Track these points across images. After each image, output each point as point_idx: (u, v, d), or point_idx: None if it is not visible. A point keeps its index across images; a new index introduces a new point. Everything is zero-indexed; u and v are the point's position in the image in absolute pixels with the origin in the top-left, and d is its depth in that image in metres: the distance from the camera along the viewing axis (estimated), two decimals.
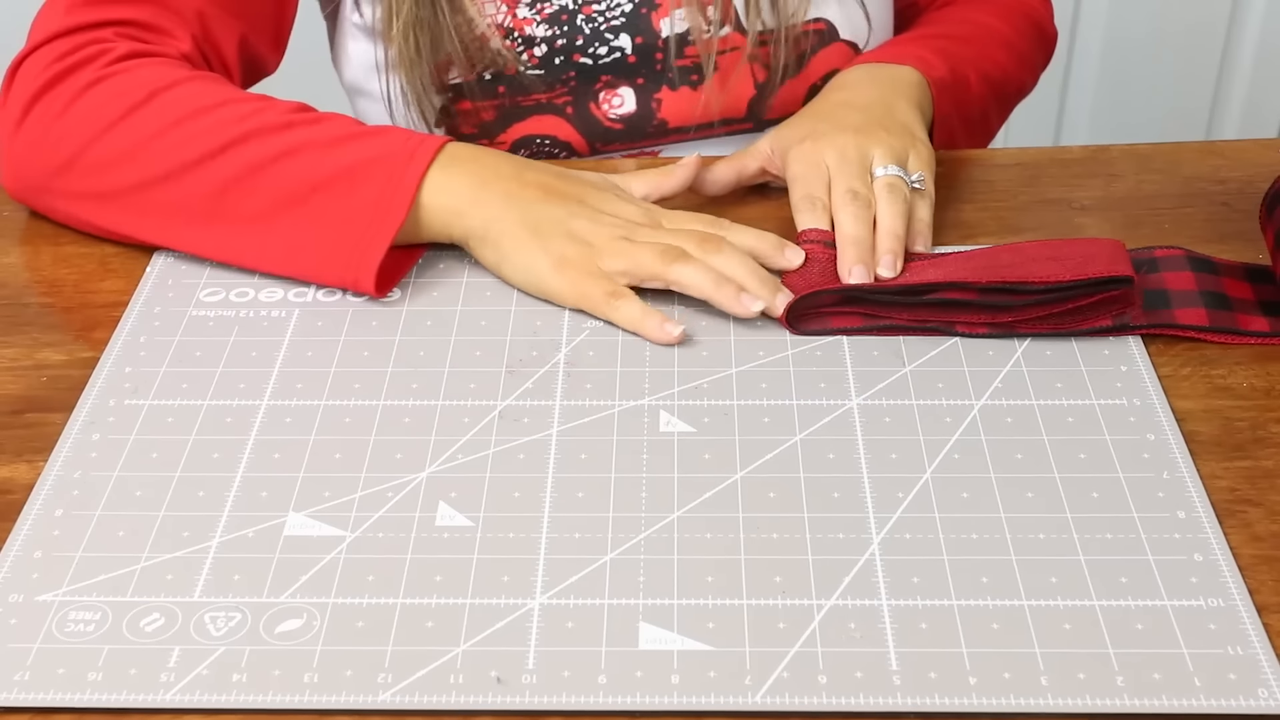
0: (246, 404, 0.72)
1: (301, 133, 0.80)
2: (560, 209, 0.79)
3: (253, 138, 0.79)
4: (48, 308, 0.80)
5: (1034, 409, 0.71)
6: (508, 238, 0.78)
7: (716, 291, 0.76)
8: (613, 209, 0.80)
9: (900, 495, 0.66)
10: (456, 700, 0.57)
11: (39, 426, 0.72)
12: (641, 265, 0.76)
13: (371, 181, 0.78)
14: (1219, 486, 0.67)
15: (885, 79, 0.90)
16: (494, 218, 0.79)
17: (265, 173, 0.78)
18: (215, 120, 0.80)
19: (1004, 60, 0.99)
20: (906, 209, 0.81)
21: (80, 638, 0.60)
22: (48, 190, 0.84)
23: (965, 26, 0.99)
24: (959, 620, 0.60)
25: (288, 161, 0.79)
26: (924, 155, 0.84)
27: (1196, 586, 0.61)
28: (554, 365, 0.74)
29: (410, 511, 0.66)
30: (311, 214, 0.78)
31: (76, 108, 0.82)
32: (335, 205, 0.78)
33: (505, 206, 0.79)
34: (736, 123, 0.99)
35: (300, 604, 0.61)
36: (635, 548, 0.64)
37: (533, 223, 0.78)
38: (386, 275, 0.79)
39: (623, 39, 0.95)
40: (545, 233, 0.78)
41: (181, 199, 0.80)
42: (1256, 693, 0.57)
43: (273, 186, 0.78)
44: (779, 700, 0.57)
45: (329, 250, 0.78)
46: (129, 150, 0.81)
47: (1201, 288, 0.77)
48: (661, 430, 0.70)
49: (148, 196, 0.81)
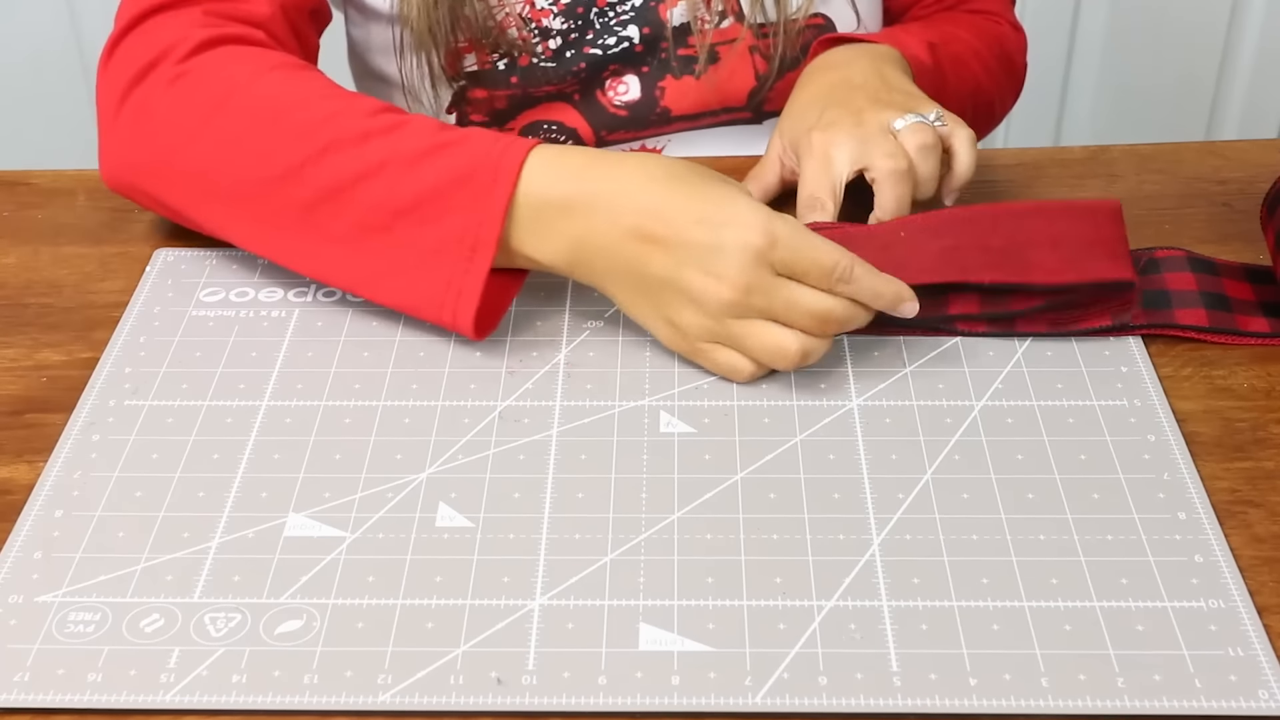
0: (246, 404, 0.72)
1: (380, 145, 0.74)
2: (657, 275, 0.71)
3: (333, 151, 0.75)
4: (48, 308, 0.80)
5: (1034, 410, 0.71)
6: (609, 287, 0.74)
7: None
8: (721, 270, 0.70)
9: (900, 496, 0.66)
10: (456, 701, 0.57)
11: (39, 426, 0.72)
12: (771, 358, 0.72)
13: (455, 210, 0.73)
14: (1219, 487, 0.67)
15: (870, 53, 0.88)
16: (585, 264, 0.73)
17: (347, 194, 0.74)
18: (295, 126, 0.76)
19: (979, 71, 0.98)
20: (937, 158, 0.80)
21: (80, 638, 0.60)
22: (141, 185, 0.82)
23: (944, 31, 0.98)
24: (959, 621, 0.60)
25: (369, 182, 0.74)
26: (932, 106, 0.82)
27: (1197, 588, 0.61)
28: (554, 365, 0.74)
29: (410, 512, 0.66)
30: (396, 242, 0.74)
31: (164, 104, 0.79)
32: (420, 234, 0.73)
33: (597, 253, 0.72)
34: (736, 111, 1.00)
35: (300, 605, 0.61)
36: (635, 548, 0.64)
37: (632, 279, 0.72)
38: (488, 312, 0.74)
39: (631, 29, 0.96)
40: (647, 293, 0.72)
41: (268, 212, 0.77)
42: (1257, 694, 0.57)
43: (356, 209, 0.74)
44: (779, 701, 0.57)
45: (420, 284, 0.74)
46: (213, 158, 0.78)
47: (1202, 288, 0.77)
48: (661, 431, 0.70)
49: (237, 207, 0.78)
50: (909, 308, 0.72)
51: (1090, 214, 0.76)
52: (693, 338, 0.72)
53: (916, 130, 0.80)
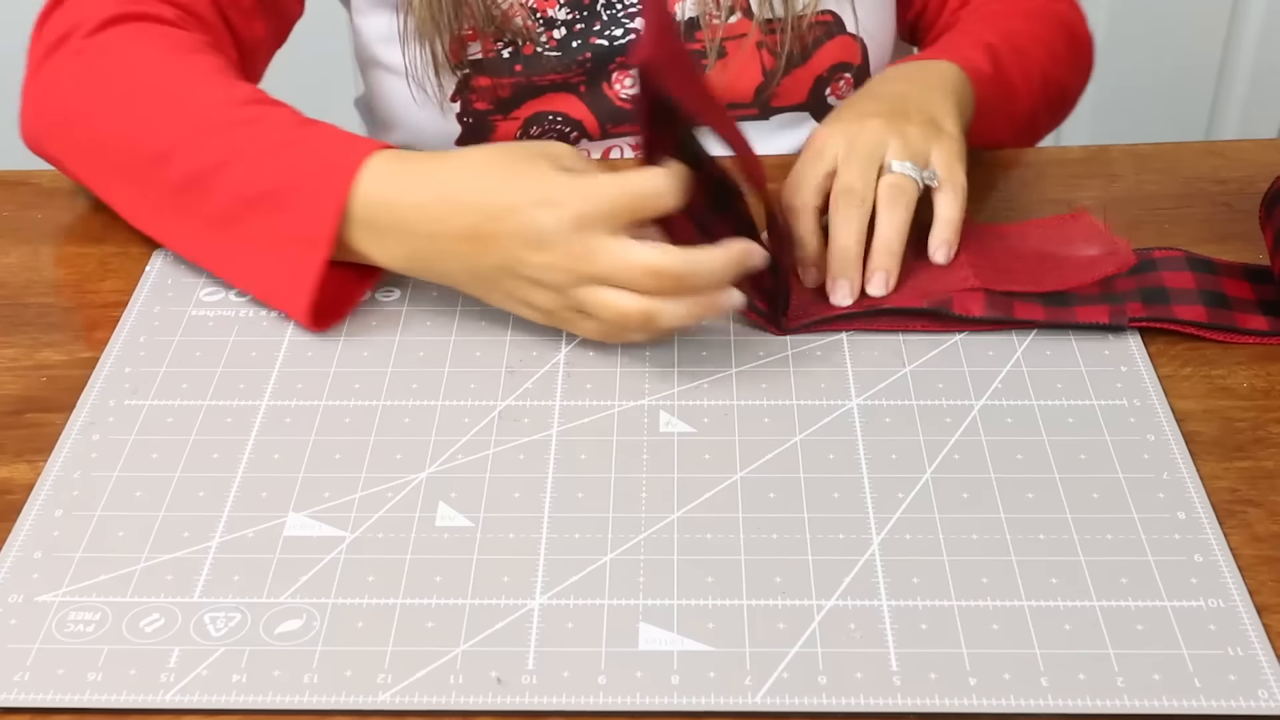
0: (246, 404, 0.72)
1: (239, 136, 0.77)
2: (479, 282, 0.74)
3: (196, 138, 0.78)
4: (48, 308, 0.80)
5: (1034, 409, 0.71)
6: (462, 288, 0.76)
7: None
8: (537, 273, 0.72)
9: (900, 495, 0.66)
10: (456, 701, 0.57)
11: (39, 426, 0.72)
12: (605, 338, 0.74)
13: (297, 206, 0.75)
14: (1219, 487, 0.67)
15: (921, 72, 0.88)
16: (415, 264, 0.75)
17: (206, 182, 0.77)
18: (167, 112, 0.80)
19: (1044, 58, 0.95)
20: (908, 215, 0.77)
21: (80, 638, 0.60)
22: (52, 155, 0.87)
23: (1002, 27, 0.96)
24: (959, 621, 0.60)
25: (225, 172, 0.77)
26: (949, 147, 0.80)
27: (1196, 587, 0.61)
28: (554, 365, 0.74)
29: (410, 512, 0.66)
30: (249, 232, 0.77)
31: (61, 84, 0.84)
32: (268, 225, 0.76)
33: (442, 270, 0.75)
34: (743, 108, 1.00)
35: (300, 604, 0.61)
36: (635, 548, 0.64)
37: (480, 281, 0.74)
38: (332, 305, 0.77)
39: (638, 22, 0.96)
40: (500, 287, 0.74)
41: (145, 192, 0.81)
42: (1256, 693, 0.57)
43: (214, 197, 0.77)
44: (779, 701, 0.57)
45: (267, 274, 0.77)
46: (100, 137, 0.82)
47: (1200, 286, 0.77)
48: (661, 430, 0.70)
49: (121, 184, 0.82)
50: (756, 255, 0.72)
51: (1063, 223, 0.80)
52: (550, 314, 0.74)
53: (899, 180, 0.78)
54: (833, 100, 1.02)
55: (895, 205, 0.77)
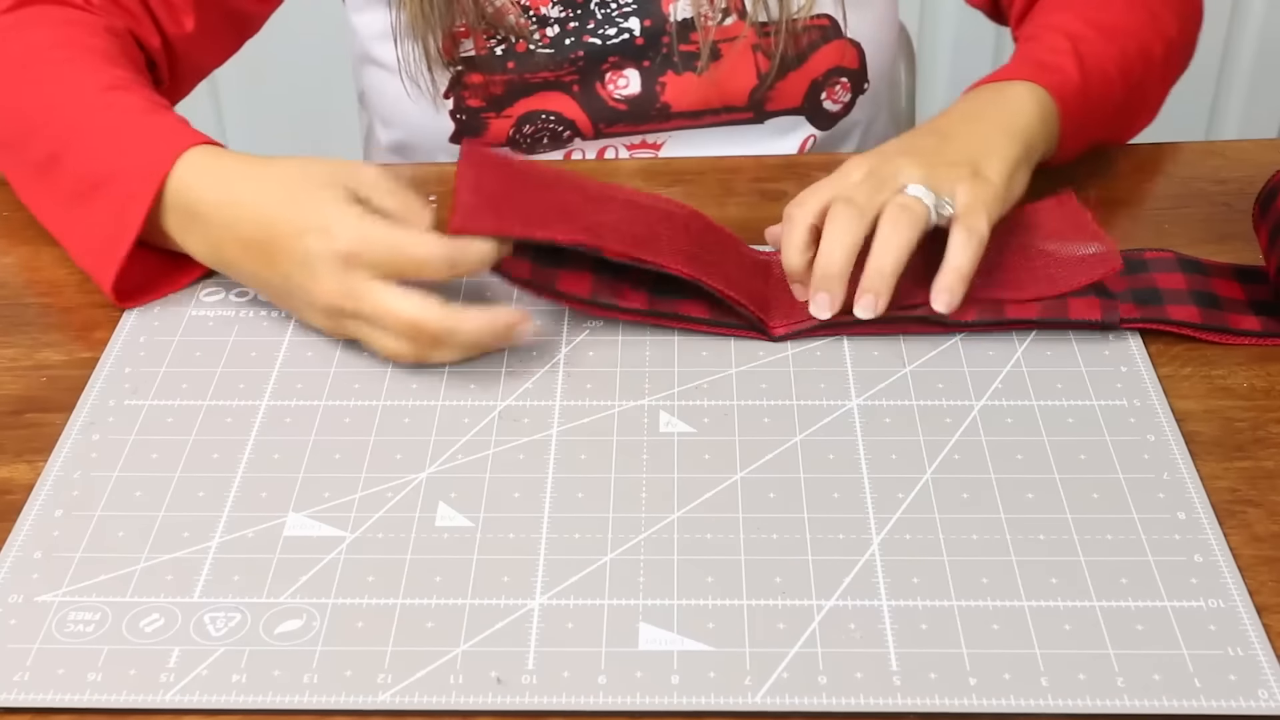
0: (246, 404, 0.72)
1: (91, 119, 0.80)
2: (268, 285, 0.76)
3: (57, 120, 0.81)
4: (48, 308, 0.80)
5: (1034, 409, 0.71)
6: (259, 291, 0.78)
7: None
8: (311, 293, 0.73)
9: (900, 496, 0.66)
10: (456, 701, 0.57)
11: (39, 426, 0.72)
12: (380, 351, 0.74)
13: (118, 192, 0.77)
14: (1219, 487, 0.67)
15: (992, 107, 0.81)
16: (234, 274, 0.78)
17: (60, 163, 0.80)
18: (40, 94, 0.82)
19: (1140, 28, 0.89)
20: (911, 239, 0.72)
21: (80, 638, 0.60)
22: None
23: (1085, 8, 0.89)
24: (959, 621, 0.60)
25: (75, 154, 0.79)
26: (980, 191, 0.74)
27: (1197, 587, 0.61)
28: (554, 365, 0.74)
29: (410, 512, 0.66)
30: (90, 213, 0.79)
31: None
32: (104, 207, 0.78)
33: (238, 271, 0.77)
34: (737, 111, 1.00)
35: (300, 604, 0.61)
36: (635, 548, 0.64)
37: (270, 289, 0.76)
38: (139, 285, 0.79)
39: (632, 22, 0.96)
40: (288, 299, 0.75)
41: (16, 170, 0.84)
42: (1256, 693, 0.57)
43: (67, 178, 0.80)
44: (779, 701, 0.57)
45: (91, 251, 0.80)
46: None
47: (1191, 287, 0.77)
48: (661, 430, 0.70)
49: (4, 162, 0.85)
50: (521, 330, 0.72)
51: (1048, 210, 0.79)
52: (337, 331, 0.74)
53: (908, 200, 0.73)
54: (828, 105, 1.01)
55: (897, 224, 0.72)
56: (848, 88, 1.01)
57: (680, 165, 0.93)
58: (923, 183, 0.74)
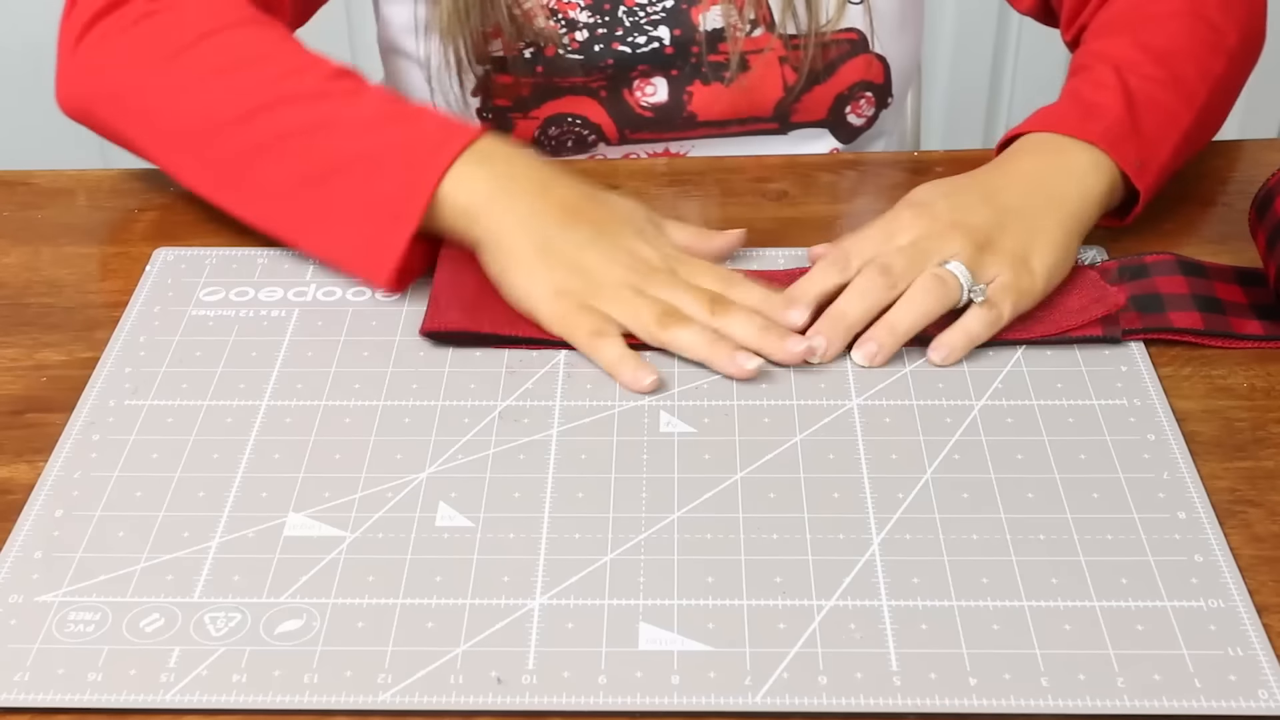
0: (246, 404, 0.72)
1: (335, 105, 0.78)
2: (576, 235, 0.75)
3: (285, 103, 0.78)
4: (48, 308, 0.80)
5: (1034, 409, 0.71)
6: (515, 254, 0.75)
7: (711, 353, 0.72)
8: (631, 246, 0.75)
9: (900, 496, 0.66)
10: (456, 701, 0.57)
11: (39, 426, 0.72)
12: (639, 321, 0.73)
13: (393, 171, 0.76)
14: (1219, 487, 0.67)
15: (1053, 174, 0.79)
16: (507, 229, 0.75)
17: (291, 144, 0.77)
18: (252, 77, 0.80)
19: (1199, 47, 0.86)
20: (937, 310, 0.72)
21: (80, 638, 0.60)
22: (95, 115, 0.85)
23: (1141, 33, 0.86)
24: (959, 621, 0.60)
25: (315, 136, 0.77)
26: (1018, 283, 0.74)
27: (1197, 587, 0.61)
28: (554, 365, 0.74)
29: (410, 512, 0.66)
30: (331, 196, 0.77)
31: (126, 41, 0.82)
32: (355, 191, 0.76)
33: (521, 220, 0.75)
34: (763, 122, 1.00)
35: (300, 604, 0.61)
36: (635, 548, 0.64)
37: (544, 244, 0.75)
38: (407, 271, 0.77)
39: (661, 30, 0.96)
40: (553, 258, 0.74)
41: (214, 155, 0.80)
42: (1256, 694, 0.57)
43: (298, 160, 0.77)
44: (779, 701, 0.57)
45: (348, 239, 0.77)
46: (169, 98, 0.81)
47: (1193, 291, 0.77)
48: (661, 430, 0.70)
49: (185, 147, 0.81)
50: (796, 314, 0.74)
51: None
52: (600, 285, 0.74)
53: (943, 273, 0.73)
54: (852, 118, 1.02)
55: (927, 294, 0.73)
56: (872, 102, 1.02)
57: (680, 165, 0.93)
58: (967, 265, 0.74)
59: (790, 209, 0.87)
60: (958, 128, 1.98)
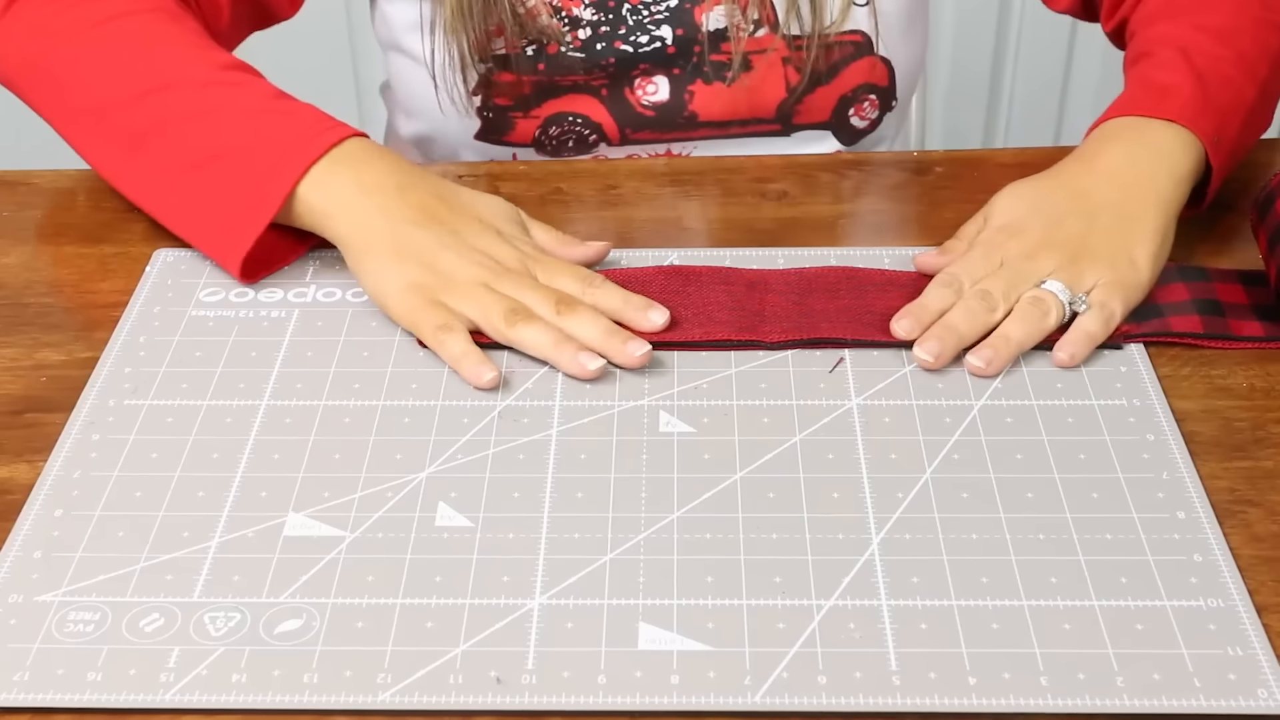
0: (246, 404, 0.72)
1: (218, 94, 0.80)
2: (431, 236, 0.76)
3: (172, 89, 0.81)
4: (48, 308, 0.80)
5: (1034, 409, 0.71)
6: (369, 251, 0.76)
7: (555, 353, 0.73)
8: (487, 246, 0.76)
9: (900, 495, 0.66)
10: (456, 700, 0.57)
11: (39, 426, 0.72)
12: (487, 317, 0.74)
13: (260, 163, 0.78)
14: (1219, 487, 0.67)
15: (1146, 157, 0.79)
16: (361, 229, 0.77)
17: (174, 130, 0.80)
18: (149, 61, 0.82)
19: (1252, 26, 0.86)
20: (1037, 329, 0.73)
21: (80, 638, 0.60)
22: (17, 85, 0.88)
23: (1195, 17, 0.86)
24: (959, 620, 0.60)
25: (197, 123, 0.80)
26: (1129, 280, 0.75)
27: (1196, 587, 0.61)
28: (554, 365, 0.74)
29: (410, 512, 0.66)
30: (205, 182, 0.79)
31: (45, 14, 0.85)
32: (222, 181, 0.78)
33: (376, 220, 0.77)
34: (765, 123, 1.00)
35: (300, 604, 0.61)
36: (635, 548, 0.64)
37: (397, 242, 0.76)
38: (261, 261, 0.79)
39: (664, 29, 0.96)
40: (406, 255, 0.75)
41: (106, 133, 0.83)
42: (1256, 693, 0.57)
43: (179, 145, 0.80)
44: (779, 700, 0.57)
45: (209, 223, 0.79)
46: (72, 71, 0.84)
47: (1193, 296, 0.77)
48: (661, 430, 0.70)
49: (82, 122, 0.84)
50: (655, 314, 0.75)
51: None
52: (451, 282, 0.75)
53: (1042, 294, 0.74)
54: (856, 121, 1.02)
55: (1027, 318, 0.74)
56: (876, 104, 1.01)
57: (681, 165, 0.93)
58: (1064, 280, 0.75)
59: (790, 209, 0.87)
60: (958, 128, 1.98)
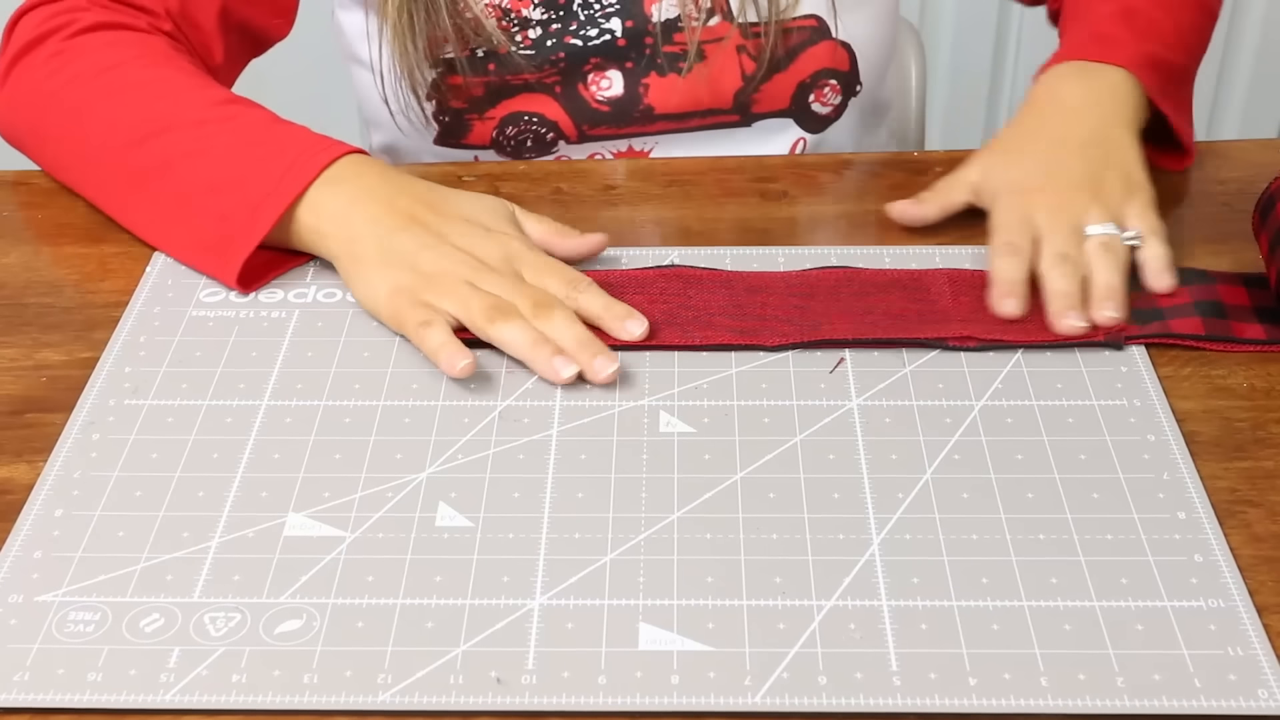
0: (246, 404, 0.72)
1: (213, 131, 0.82)
2: (416, 240, 0.77)
3: (170, 132, 0.82)
4: (48, 308, 0.80)
5: (1034, 410, 0.71)
6: (358, 262, 0.77)
7: (531, 354, 0.73)
8: (470, 244, 0.77)
9: (900, 496, 0.66)
10: (456, 701, 0.57)
11: (39, 426, 0.72)
12: (468, 314, 0.74)
13: (255, 192, 0.79)
14: (1219, 487, 0.67)
15: (1100, 95, 0.85)
16: (353, 240, 0.78)
17: (173, 170, 0.81)
18: (143, 108, 0.84)
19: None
20: (1123, 265, 0.77)
21: (80, 638, 0.60)
22: (26, 147, 0.90)
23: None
24: (959, 621, 0.60)
25: (193, 161, 0.81)
26: (1141, 200, 0.80)
27: (1196, 587, 0.61)
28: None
29: (410, 512, 0.66)
30: (204, 213, 0.80)
31: (40, 76, 0.88)
32: (223, 209, 0.79)
33: (365, 231, 0.78)
34: (722, 114, 0.99)
35: (300, 604, 0.61)
36: (635, 548, 0.64)
37: (385, 250, 0.77)
38: (255, 274, 0.80)
39: (613, 22, 0.96)
40: (392, 260, 0.76)
41: (109, 178, 0.85)
42: (1256, 693, 0.57)
43: (178, 183, 0.81)
44: (779, 701, 0.57)
45: (206, 248, 0.80)
46: (72, 130, 0.86)
47: (1195, 299, 0.77)
48: (661, 430, 0.70)
49: (87, 171, 0.86)
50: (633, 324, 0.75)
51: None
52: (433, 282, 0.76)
53: (1106, 239, 0.78)
54: (817, 107, 1.01)
55: (1108, 257, 0.77)
56: (838, 90, 1.01)
57: (680, 165, 0.92)
58: (1104, 218, 0.79)
59: (790, 209, 0.87)
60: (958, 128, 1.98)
